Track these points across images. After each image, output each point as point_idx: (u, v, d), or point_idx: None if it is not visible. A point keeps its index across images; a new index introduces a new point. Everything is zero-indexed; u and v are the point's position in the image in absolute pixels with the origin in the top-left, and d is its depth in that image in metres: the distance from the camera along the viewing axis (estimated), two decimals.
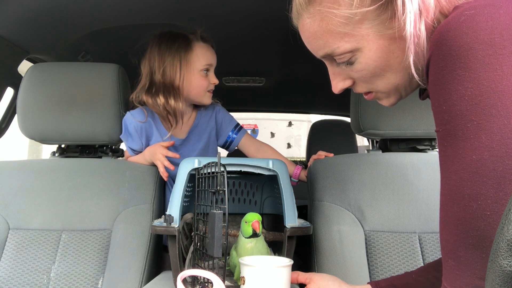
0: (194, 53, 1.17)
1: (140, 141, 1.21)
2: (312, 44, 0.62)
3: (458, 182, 0.45)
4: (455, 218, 0.45)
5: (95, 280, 1.02)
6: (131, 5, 1.17)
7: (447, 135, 0.47)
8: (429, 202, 1.03)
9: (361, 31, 0.56)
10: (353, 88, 0.66)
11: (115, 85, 1.17)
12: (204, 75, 1.19)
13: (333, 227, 1.02)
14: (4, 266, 1.03)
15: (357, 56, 0.58)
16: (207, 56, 1.19)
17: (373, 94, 0.65)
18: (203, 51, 1.18)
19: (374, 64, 0.58)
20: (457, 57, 0.44)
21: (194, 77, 1.17)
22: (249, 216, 0.82)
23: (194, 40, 1.18)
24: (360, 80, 0.62)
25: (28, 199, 1.11)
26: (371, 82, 0.61)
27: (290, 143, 5.56)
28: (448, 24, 0.46)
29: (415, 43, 0.53)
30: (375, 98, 0.66)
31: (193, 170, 0.91)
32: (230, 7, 1.20)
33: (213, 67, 1.22)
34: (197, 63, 1.17)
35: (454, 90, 0.45)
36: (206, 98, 1.22)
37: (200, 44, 1.19)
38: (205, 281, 0.81)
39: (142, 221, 1.09)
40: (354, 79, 0.64)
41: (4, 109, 1.38)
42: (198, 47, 1.18)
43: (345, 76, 0.64)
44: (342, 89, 0.66)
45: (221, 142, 1.33)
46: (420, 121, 1.05)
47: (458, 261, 0.45)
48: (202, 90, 1.20)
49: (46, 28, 1.25)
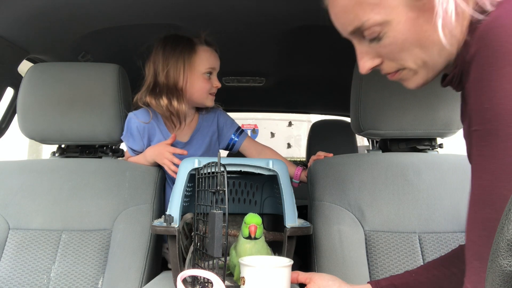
0: (197, 56, 1.18)
1: (141, 142, 1.21)
2: (342, 19, 0.61)
3: (494, 182, 0.44)
4: (486, 219, 0.45)
5: (95, 280, 1.02)
6: (132, 5, 1.17)
7: (487, 134, 0.46)
8: (429, 202, 1.03)
9: (391, 2, 0.55)
10: (381, 68, 0.65)
11: (115, 85, 1.17)
12: (207, 78, 1.20)
13: (333, 227, 1.02)
14: (4, 266, 1.03)
15: (386, 30, 0.57)
16: (210, 59, 1.20)
17: (400, 73, 0.63)
18: (206, 54, 1.20)
19: (403, 37, 0.57)
20: (507, 54, 0.43)
21: (197, 79, 1.18)
22: (248, 218, 0.82)
23: (198, 43, 1.19)
24: (389, 56, 0.61)
25: (28, 199, 1.11)
26: (399, 58, 0.60)
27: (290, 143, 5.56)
28: (498, 20, 0.45)
29: (443, 17, 0.52)
30: (401, 78, 0.65)
31: (193, 170, 0.91)
32: (230, 7, 1.20)
33: (216, 71, 1.23)
34: (200, 66, 1.18)
35: (501, 88, 0.44)
36: (209, 100, 1.23)
37: (204, 47, 1.20)
38: (205, 281, 0.81)
39: (142, 221, 1.09)
40: (382, 58, 0.63)
41: (4, 109, 1.38)
42: (201, 51, 1.19)
43: (373, 54, 0.63)
44: (370, 68, 0.65)
45: (223, 145, 1.34)
46: (421, 121, 1.05)
47: (484, 263, 0.45)
48: (205, 93, 1.21)
49: (46, 28, 1.25)
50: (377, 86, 1.06)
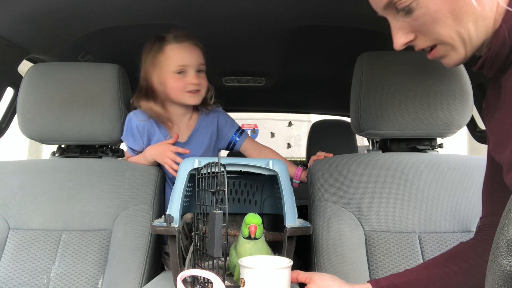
0: (164, 55, 1.16)
1: (141, 141, 1.21)
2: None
3: None
4: None
5: (95, 280, 1.02)
6: (131, 5, 1.17)
7: None
8: (429, 202, 1.03)
9: None
10: (415, 44, 0.65)
11: (115, 85, 1.17)
12: (179, 76, 1.17)
13: (333, 227, 1.02)
14: (4, 266, 1.03)
15: (418, 1, 0.58)
16: (178, 57, 1.16)
17: (438, 49, 0.63)
18: (174, 52, 1.16)
19: (435, 7, 0.57)
20: None
21: (168, 79, 1.17)
22: (248, 218, 0.82)
23: (166, 42, 1.17)
24: (422, 30, 0.61)
25: (28, 199, 1.11)
26: (433, 32, 0.60)
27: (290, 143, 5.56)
28: None
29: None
30: (440, 56, 0.64)
31: (193, 170, 0.91)
32: (230, 7, 1.20)
33: (192, 67, 1.17)
34: (168, 65, 1.16)
35: None
36: (187, 98, 1.19)
37: (172, 46, 1.17)
38: (205, 281, 0.81)
39: (142, 221, 1.09)
40: (416, 33, 0.63)
41: (4, 109, 1.38)
42: (169, 49, 1.17)
43: (407, 29, 0.63)
44: (404, 43, 0.65)
45: (223, 145, 1.33)
46: (421, 121, 1.05)
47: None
48: (179, 92, 1.18)
49: (46, 28, 1.25)
50: (377, 86, 1.06)
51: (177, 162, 1.13)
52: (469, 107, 1.06)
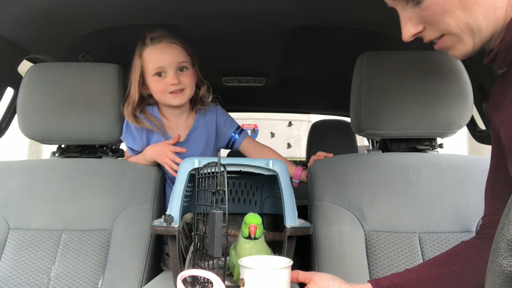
0: (142, 59, 1.16)
1: (140, 141, 1.21)
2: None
3: None
4: None
5: (95, 280, 1.02)
6: (131, 5, 1.17)
7: None
8: (429, 202, 1.03)
9: None
10: (424, 36, 0.65)
11: (115, 85, 1.17)
12: (158, 78, 1.16)
13: (333, 227, 1.02)
14: (4, 266, 1.03)
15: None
16: (154, 59, 1.15)
17: (444, 39, 0.63)
18: (150, 55, 1.16)
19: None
20: None
21: (149, 82, 1.17)
22: (248, 217, 0.82)
23: (144, 46, 1.17)
24: (431, 20, 0.61)
25: (28, 199, 1.11)
26: (442, 22, 0.60)
27: (290, 143, 5.55)
28: None
29: None
30: (446, 47, 0.64)
31: (193, 170, 0.91)
32: (230, 7, 1.20)
33: (170, 67, 1.15)
34: (146, 69, 1.16)
35: None
36: (170, 99, 1.17)
37: (148, 48, 1.16)
38: (205, 281, 0.81)
39: (142, 221, 1.09)
40: (425, 24, 0.63)
41: (4, 109, 1.38)
42: (145, 52, 1.16)
43: (416, 20, 0.63)
44: (412, 34, 0.64)
45: (222, 143, 1.33)
46: (420, 121, 1.05)
47: None
48: (161, 94, 1.17)
49: (46, 28, 1.25)
50: (377, 86, 1.06)
51: (177, 162, 1.13)
52: (469, 107, 1.06)
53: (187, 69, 1.19)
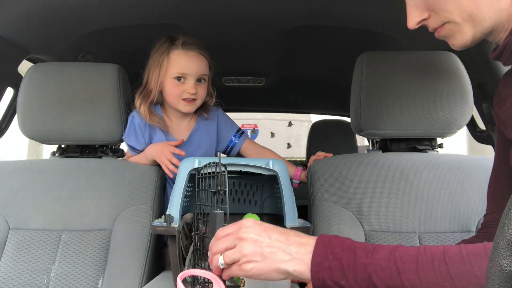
0: (167, 59, 1.16)
1: (143, 140, 1.22)
2: None
3: None
4: None
5: (95, 280, 1.02)
6: (132, 5, 1.17)
7: None
8: (429, 202, 1.03)
9: None
10: (428, 25, 0.65)
11: (115, 85, 1.17)
12: (177, 83, 1.17)
13: (333, 227, 1.02)
14: (4, 266, 1.03)
15: None
16: (180, 64, 1.16)
17: (444, 27, 0.63)
18: (177, 58, 1.16)
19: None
20: None
21: (167, 83, 1.17)
22: (247, 217, 0.82)
23: (174, 46, 1.17)
24: (435, 7, 0.61)
25: (28, 199, 1.11)
26: (445, 9, 0.60)
27: (290, 143, 5.55)
28: None
29: None
30: (446, 35, 0.64)
31: (193, 170, 0.91)
32: (230, 7, 1.20)
33: (192, 76, 1.17)
34: (170, 70, 1.16)
35: None
36: (181, 106, 1.19)
37: (178, 51, 1.17)
38: (205, 281, 0.81)
39: (142, 221, 1.09)
40: (430, 12, 0.63)
41: (4, 109, 1.38)
42: (173, 54, 1.17)
43: (422, 7, 0.63)
44: (417, 22, 0.65)
45: (222, 147, 1.33)
46: (420, 121, 1.05)
47: None
48: (175, 98, 1.18)
49: (46, 28, 1.25)
50: (377, 86, 1.05)
51: (174, 163, 1.14)
52: (469, 107, 1.06)
53: (205, 81, 1.21)
